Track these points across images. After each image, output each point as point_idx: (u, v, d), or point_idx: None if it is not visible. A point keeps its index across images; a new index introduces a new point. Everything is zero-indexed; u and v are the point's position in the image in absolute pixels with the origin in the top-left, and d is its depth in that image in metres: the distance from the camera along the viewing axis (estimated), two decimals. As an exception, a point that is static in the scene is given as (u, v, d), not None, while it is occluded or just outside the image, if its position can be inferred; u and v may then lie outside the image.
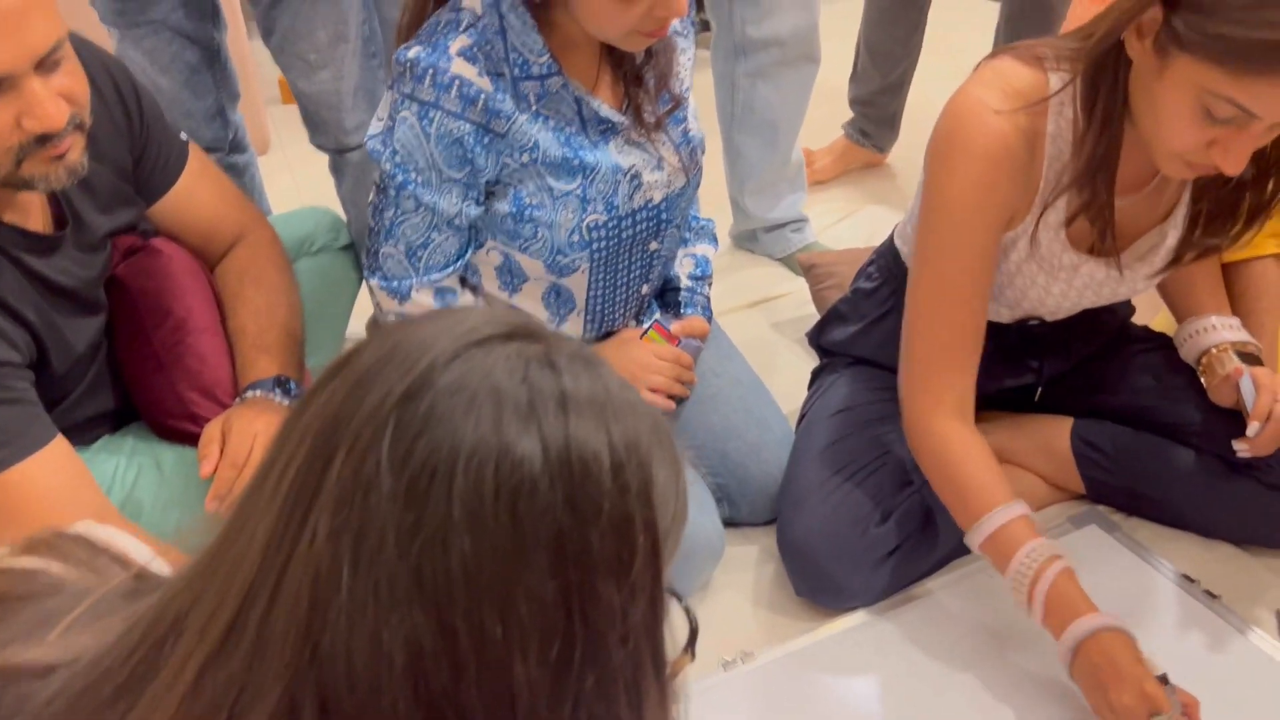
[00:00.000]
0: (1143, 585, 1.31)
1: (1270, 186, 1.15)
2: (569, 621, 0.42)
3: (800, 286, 1.90)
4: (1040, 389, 1.47)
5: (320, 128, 1.65)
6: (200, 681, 0.41)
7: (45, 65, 1.00)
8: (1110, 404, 1.40)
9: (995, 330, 1.26)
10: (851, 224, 2.21)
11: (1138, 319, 1.50)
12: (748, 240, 2.13)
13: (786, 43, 1.87)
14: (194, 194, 1.33)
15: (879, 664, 1.24)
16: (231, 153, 1.75)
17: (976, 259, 1.15)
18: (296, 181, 2.29)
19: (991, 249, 1.16)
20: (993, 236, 1.16)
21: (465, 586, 0.41)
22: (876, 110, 2.27)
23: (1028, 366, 1.41)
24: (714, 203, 2.09)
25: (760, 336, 1.86)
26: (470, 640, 0.40)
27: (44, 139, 1.02)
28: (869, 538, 1.28)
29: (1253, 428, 1.21)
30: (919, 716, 1.18)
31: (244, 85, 1.87)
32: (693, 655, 0.55)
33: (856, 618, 1.30)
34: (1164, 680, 1.05)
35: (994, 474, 1.17)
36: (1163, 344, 1.42)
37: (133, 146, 1.25)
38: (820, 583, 1.30)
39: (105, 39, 1.60)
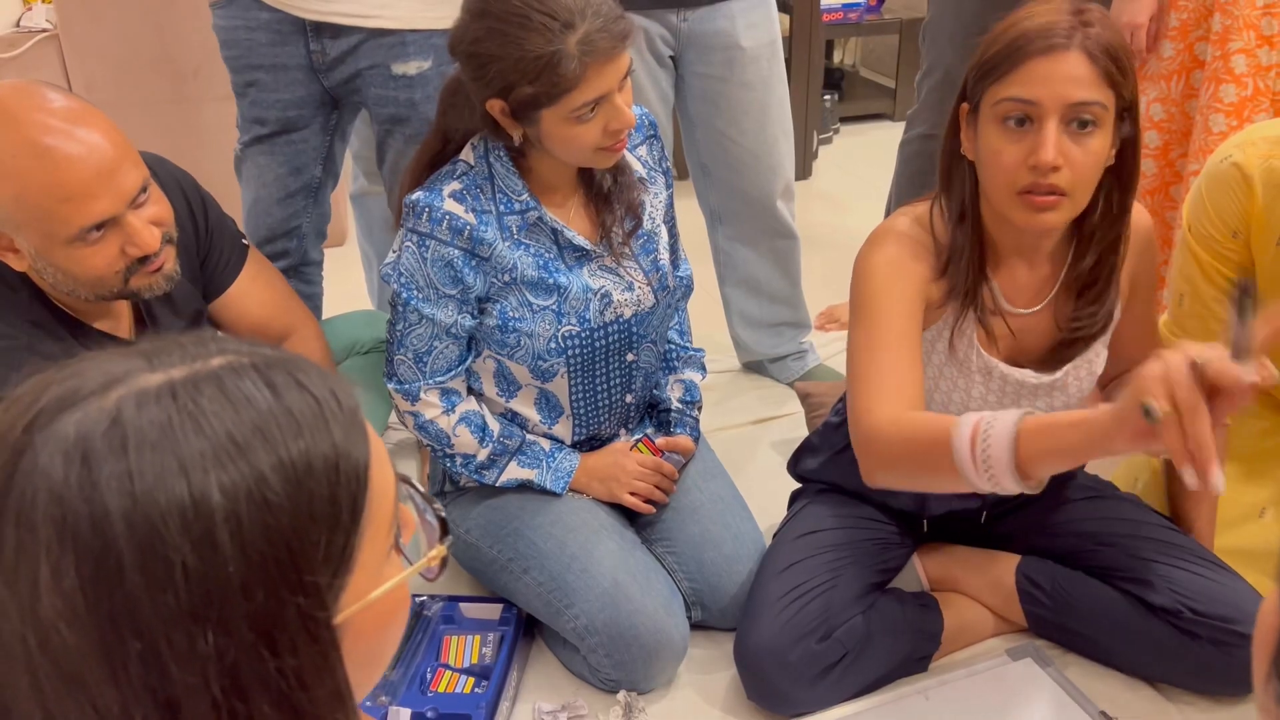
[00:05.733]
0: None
1: (1111, 261, 1.33)
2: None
3: (801, 408, 2.06)
4: (986, 514, 1.58)
5: None
6: None
7: (137, 202, 1.24)
8: (1051, 545, 1.53)
9: None
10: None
11: (1099, 469, 1.63)
12: (756, 368, 2.29)
13: (744, 217, 2.07)
14: (249, 292, 1.54)
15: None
16: (294, 278, 1.87)
17: (900, 310, 1.29)
18: (374, 274, 2.52)
19: (914, 306, 1.31)
20: (910, 296, 1.31)
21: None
22: None
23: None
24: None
25: (755, 452, 2.02)
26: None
27: (144, 259, 1.25)
28: (811, 652, 1.41)
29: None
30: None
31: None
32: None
33: (799, 724, 1.43)
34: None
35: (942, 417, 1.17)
36: (1103, 493, 1.55)
37: (199, 250, 1.47)
38: (767, 689, 1.44)
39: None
